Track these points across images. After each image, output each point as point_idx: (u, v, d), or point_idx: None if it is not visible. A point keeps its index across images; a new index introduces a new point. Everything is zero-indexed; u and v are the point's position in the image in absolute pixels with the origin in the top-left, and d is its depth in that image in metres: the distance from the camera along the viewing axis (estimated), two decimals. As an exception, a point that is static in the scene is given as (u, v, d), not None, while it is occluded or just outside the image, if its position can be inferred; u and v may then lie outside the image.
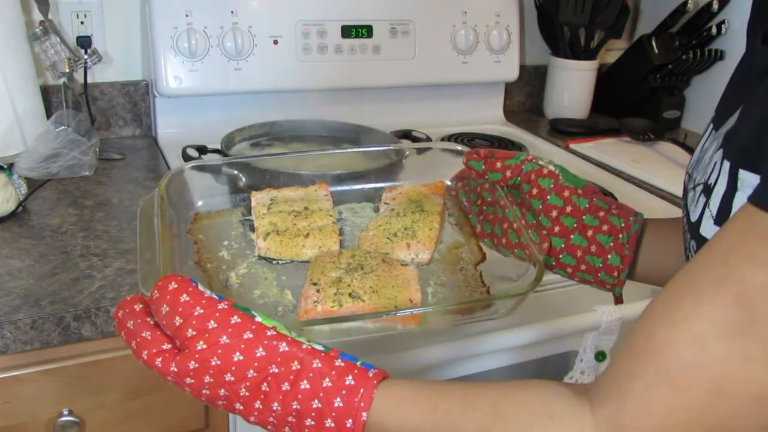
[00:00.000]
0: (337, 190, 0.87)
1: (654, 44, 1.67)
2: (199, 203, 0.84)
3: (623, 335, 1.07)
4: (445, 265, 0.77)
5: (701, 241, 0.53)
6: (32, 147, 1.17)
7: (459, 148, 0.88)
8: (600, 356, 1.06)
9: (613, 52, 1.84)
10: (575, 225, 0.73)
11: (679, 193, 1.29)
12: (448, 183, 0.87)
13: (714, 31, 1.62)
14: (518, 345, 1.03)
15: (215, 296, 0.54)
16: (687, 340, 0.44)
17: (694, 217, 0.55)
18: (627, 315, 1.01)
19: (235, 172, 1.08)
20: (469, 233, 0.82)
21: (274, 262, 0.76)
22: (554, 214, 0.73)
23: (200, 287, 0.54)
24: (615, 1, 1.64)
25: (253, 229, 0.78)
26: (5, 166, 1.07)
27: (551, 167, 0.74)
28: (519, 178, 0.75)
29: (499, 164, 0.75)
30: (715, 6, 1.61)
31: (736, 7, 1.61)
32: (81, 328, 0.84)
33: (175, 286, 0.53)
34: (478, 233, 0.80)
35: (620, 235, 0.72)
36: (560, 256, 0.74)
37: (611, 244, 0.72)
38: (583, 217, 0.73)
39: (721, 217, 0.50)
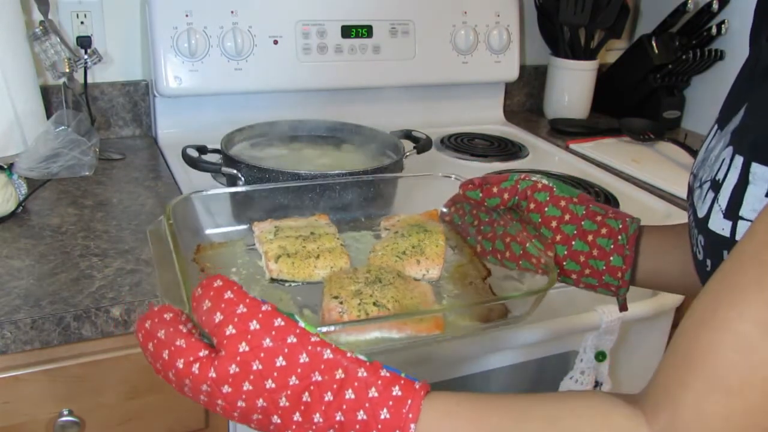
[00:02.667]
0: (334, 220, 0.86)
1: (654, 44, 1.67)
2: (204, 232, 0.83)
3: (623, 335, 1.07)
4: (455, 281, 0.78)
5: (709, 235, 0.53)
6: (32, 147, 1.17)
7: (452, 177, 0.90)
8: (600, 356, 1.06)
9: (613, 52, 1.84)
10: (575, 231, 0.74)
11: (680, 193, 1.30)
12: (443, 209, 0.87)
13: (714, 31, 1.62)
14: (518, 345, 1.03)
15: (259, 299, 0.52)
16: (732, 343, 0.43)
17: (701, 213, 0.55)
18: (626, 315, 1.01)
19: (234, 171, 1.08)
20: (470, 254, 0.82)
21: (287, 284, 0.75)
22: (554, 224, 0.75)
23: (244, 289, 0.53)
24: (615, 1, 1.64)
25: (259, 256, 0.78)
26: (5, 166, 1.07)
27: (545, 181, 0.76)
28: (517, 198, 0.76)
29: (495, 189, 0.77)
30: (715, 6, 1.61)
31: (736, 7, 1.61)
32: (81, 328, 0.84)
33: (220, 283, 0.52)
34: (480, 252, 0.81)
35: (619, 237, 0.73)
36: (564, 263, 0.75)
37: (612, 246, 0.73)
38: (582, 222, 0.74)
39: (731, 211, 0.50)
